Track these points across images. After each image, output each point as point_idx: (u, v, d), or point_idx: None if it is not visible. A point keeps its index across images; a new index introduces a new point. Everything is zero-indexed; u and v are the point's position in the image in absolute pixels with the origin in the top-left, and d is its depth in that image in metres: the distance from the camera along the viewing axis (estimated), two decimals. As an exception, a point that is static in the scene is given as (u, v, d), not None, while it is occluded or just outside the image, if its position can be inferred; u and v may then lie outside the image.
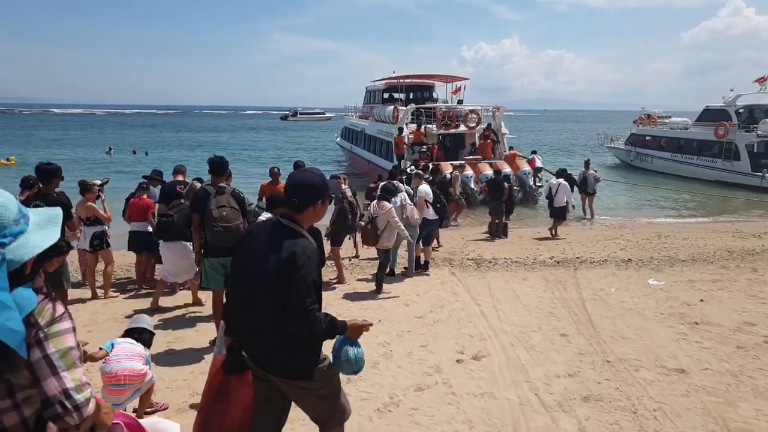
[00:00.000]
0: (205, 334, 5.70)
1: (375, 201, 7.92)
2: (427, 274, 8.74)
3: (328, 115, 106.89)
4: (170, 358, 5.09)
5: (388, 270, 8.49)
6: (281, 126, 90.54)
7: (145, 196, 7.72)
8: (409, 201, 8.36)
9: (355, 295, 7.52)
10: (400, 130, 19.48)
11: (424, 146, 19.17)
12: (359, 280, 8.42)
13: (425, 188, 9.27)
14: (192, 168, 10.77)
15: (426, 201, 9.07)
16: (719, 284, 8.15)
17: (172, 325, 6.17)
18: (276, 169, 8.99)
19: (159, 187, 7.92)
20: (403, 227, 7.70)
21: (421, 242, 8.95)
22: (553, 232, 12.44)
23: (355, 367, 2.65)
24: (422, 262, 9.05)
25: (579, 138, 64.12)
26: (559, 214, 12.73)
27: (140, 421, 2.97)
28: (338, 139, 33.14)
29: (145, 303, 6.92)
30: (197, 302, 6.88)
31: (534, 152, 20.08)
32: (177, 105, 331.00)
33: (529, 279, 8.43)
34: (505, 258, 9.92)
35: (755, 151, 23.37)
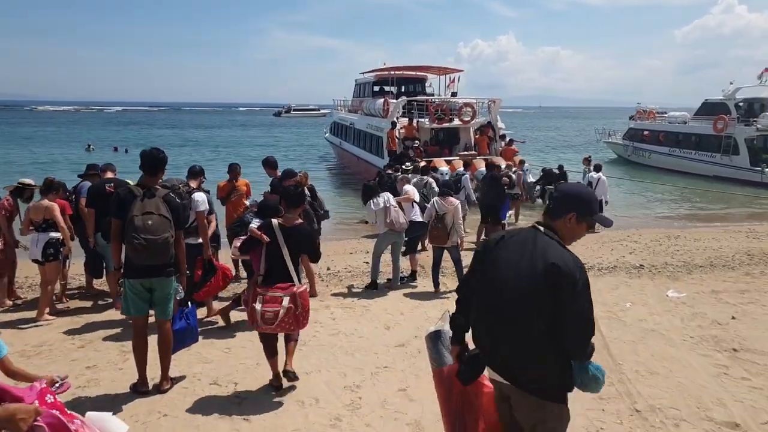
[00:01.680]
0: (131, 373, 4.50)
1: (437, 197, 7.39)
2: (414, 286, 7.65)
3: (322, 111, 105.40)
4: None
5: (370, 282, 7.48)
6: (274, 122, 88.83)
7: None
8: (393, 203, 7.31)
9: (327, 314, 6.37)
10: (393, 124, 18.32)
11: (417, 141, 18.07)
12: (335, 294, 7.24)
13: (410, 188, 8.32)
14: (175, 168, 9.64)
15: (414, 202, 8.12)
16: (748, 296, 7.11)
17: (95, 356, 5.01)
18: (235, 165, 7.85)
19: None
20: (461, 224, 7.39)
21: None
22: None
23: (602, 379, 2.43)
24: (407, 273, 7.99)
25: (578, 134, 63.14)
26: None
27: (89, 414, 2.53)
28: (327, 134, 31.85)
29: (72, 324, 5.78)
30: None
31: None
32: (166, 102, 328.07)
33: (531, 291, 7.34)
34: (502, 265, 8.82)
35: (755, 145, 22.51)
